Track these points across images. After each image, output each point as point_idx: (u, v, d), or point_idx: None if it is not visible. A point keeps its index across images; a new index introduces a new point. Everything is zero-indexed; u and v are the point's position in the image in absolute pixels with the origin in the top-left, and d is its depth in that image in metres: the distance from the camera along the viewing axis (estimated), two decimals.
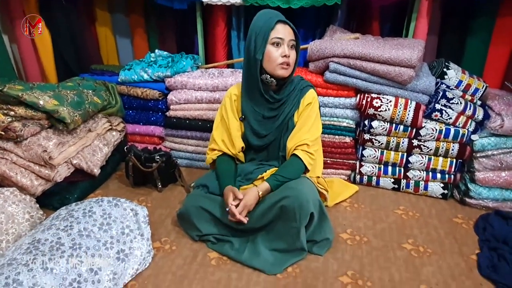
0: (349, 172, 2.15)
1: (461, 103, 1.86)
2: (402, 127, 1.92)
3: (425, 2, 2.04)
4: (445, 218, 1.84)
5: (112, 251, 1.40)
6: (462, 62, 2.20)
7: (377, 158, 2.03)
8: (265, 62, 1.51)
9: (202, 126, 2.19)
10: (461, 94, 1.94)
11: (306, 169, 1.58)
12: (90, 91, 2.11)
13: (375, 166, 2.06)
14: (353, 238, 1.67)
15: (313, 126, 1.59)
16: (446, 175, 1.97)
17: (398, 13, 2.32)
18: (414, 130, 1.92)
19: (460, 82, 1.94)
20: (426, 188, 2.01)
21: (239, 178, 1.64)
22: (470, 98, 1.95)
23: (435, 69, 2.00)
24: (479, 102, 1.97)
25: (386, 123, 1.94)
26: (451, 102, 1.85)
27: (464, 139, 1.88)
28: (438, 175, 1.98)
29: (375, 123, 1.95)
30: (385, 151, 2.02)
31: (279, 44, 1.49)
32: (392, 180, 2.06)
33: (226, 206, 1.51)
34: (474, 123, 1.89)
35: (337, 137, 2.05)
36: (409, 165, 2.00)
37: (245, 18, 2.41)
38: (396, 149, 1.99)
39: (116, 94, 2.27)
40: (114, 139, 2.20)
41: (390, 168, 2.05)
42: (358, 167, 2.09)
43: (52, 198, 1.86)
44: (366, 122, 1.97)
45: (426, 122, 1.91)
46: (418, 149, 1.95)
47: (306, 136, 1.57)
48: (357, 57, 1.87)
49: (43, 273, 1.20)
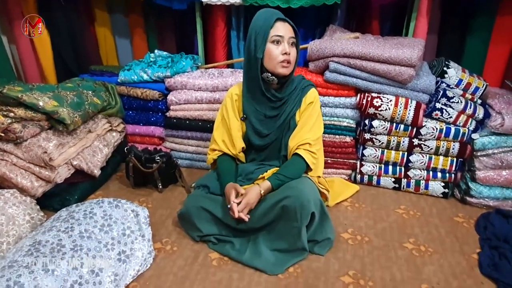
0: (349, 171, 2.14)
1: (461, 102, 1.86)
2: (402, 126, 1.92)
3: (425, 1, 2.04)
4: (446, 217, 1.84)
5: (113, 252, 1.39)
6: (462, 61, 2.20)
7: (377, 157, 2.03)
8: (265, 61, 1.51)
9: (202, 127, 2.18)
10: (461, 93, 1.94)
11: (308, 168, 1.58)
12: (90, 92, 2.11)
13: (376, 166, 2.06)
14: (354, 238, 1.67)
15: (314, 125, 1.59)
16: (447, 174, 1.97)
17: (398, 12, 2.32)
18: (415, 129, 1.92)
19: (460, 81, 1.94)
20: (426, 187, 2.01)
21: (240, 178, 1.64)
22: (470, 97, 1.95)
23: (435, 68, 2.00)
24: (480, 101, 1.96)
25: (387, 123, 1.94)
26: (452, 101, 1.85)
27: (464, 138, 1.88)
28: (439, 174, 1.98)
29: (376, 123, 1.95)
30: (385, 151, 2.02)
31: (279, 42, 1.49)
32: (392, 179, 2.06)
33: (228, 203, 1.50)
34: (474, 122, 1.89)
35: (337, 136, 2.04)
36: (409, 164, 2.00)
37: (244, 18, 2.40)
38: (396, 148, 1.99)
39: (116, 94, 2.27)
40: (114, 140, 2.19)
41: (390, 167, 2.05)
42: (358, 167, 2.09)
43: (52, 200, 1.86)
44: (367, 122, 1.97)
45: (426, 121, 1.91)
46: (418, 148, 1.95)
47: (308, 135, 1.57)
48: (357, 56, 1.87)
49: (44, 275, 1.19)
